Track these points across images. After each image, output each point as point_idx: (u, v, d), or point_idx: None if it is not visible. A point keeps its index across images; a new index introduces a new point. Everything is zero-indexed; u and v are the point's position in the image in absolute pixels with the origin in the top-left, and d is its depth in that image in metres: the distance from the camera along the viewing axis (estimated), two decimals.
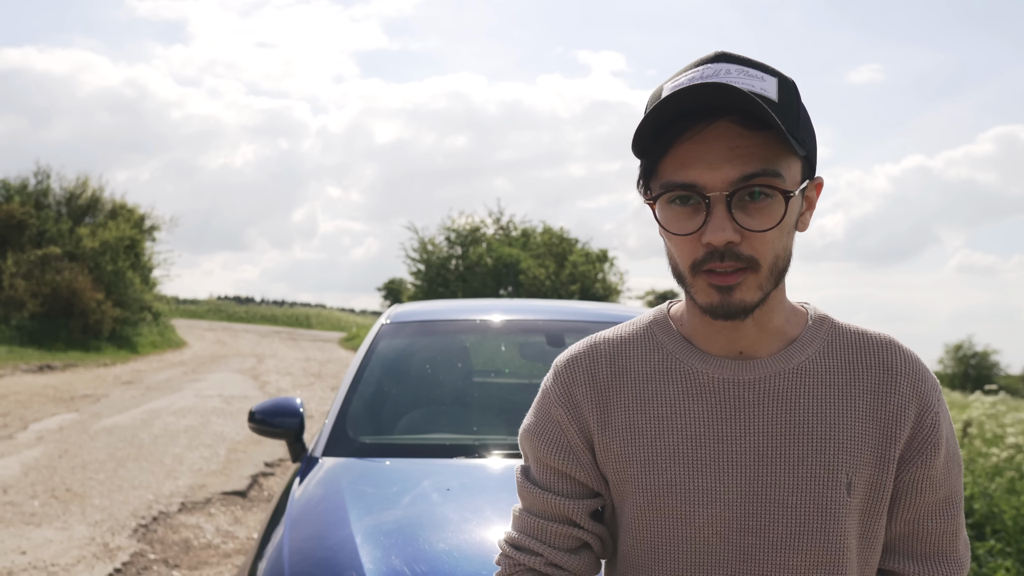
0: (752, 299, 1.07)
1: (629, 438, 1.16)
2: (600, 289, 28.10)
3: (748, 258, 1.05)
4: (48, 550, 5.22)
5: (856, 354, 1.15)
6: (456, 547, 2.16)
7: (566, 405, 1.21)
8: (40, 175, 25.02)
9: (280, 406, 3.19)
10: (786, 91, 1.07)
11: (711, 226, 1.03)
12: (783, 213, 1.04)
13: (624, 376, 1.19)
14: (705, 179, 1.03)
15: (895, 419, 1.13)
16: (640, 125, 1.06)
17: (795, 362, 1.13)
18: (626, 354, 1.20)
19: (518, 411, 3.44)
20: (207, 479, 7.25)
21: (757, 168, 1.02)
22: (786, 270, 1.10)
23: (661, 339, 1.19)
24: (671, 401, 1.15)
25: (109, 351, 21.01)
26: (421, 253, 29.64)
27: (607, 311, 4.24)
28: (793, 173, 1.07)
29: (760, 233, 1.04)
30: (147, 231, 26.78)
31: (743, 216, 1.04)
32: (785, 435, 1.11)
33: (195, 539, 5.60)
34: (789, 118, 1.05)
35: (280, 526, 2.40)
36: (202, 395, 12.81)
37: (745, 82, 1.04)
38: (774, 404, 1.12)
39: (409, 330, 3.63)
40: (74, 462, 7.65)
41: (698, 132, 1.04)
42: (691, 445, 1.13)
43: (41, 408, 10.88)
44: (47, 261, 21.77)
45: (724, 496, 1.12)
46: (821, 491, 1.10)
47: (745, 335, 1.13)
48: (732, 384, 1.13)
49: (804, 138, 1.07)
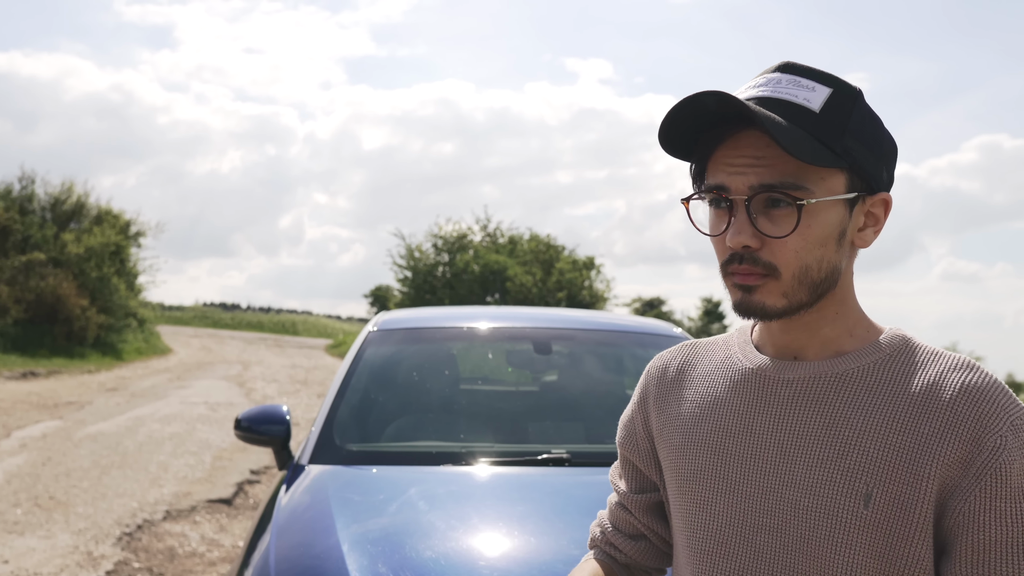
0: (773, 304, 1.08)
1: (674, 425, 1.24)
2: (587, 297, 28.12)
3: (766, 264, 1.07)
4: (31, 559, 5.18)
5: (916, 370, 1.10)
6: (443, 555, 2.15)
7: (640, 396, 1.33)
8: (25, 180, 24.86)
9: (266, 413, 3.18)
10: (837, 101, 1.07)
11: (732, 229, 1.07)
12: (796, 221, 1.05)
13: (690, 372, 1.27)
14: (730, 183, 1.07)
15: (939, 434, 1.04)
16: (661, 129, 1.10)
17: (841, 369, 1.11)
18: (701, 353, 1.28)
19: (505, 419, 3.47)
20: (192, 487, 7.22)
21: (776, 179, 1.05)
22: (827, 284, 1.09)
23: (734, 340, 1.25)
24: (716, 393, 1.20)
25: (94, 358, 20.89)
26: (408, 260, 29.60)
27: (594, 319, 4.24)
28: (830, 184, 1.06)
29: (779, 240, 1.06)
30: (133, 237, 26.64)
31: (766, 223, 1.07)
32: (812, 436, 1.10)
33: (180, 547, 5.57)
34: (830, 129, 1.05)
35: (266, 534, 2.39)
36: (187, 402, 12.74)
37: (790, 91, 1.07)
38: (809, 405, 1.11)
39: (396, 337, 3.63)
40: (58, 470, 7.60)
41: (733, 137, 1.08)
42: (722, 435, 1.17)
43: (24, 415, 10.81)
44: (31, 267, 21.63)
45: (743, 488, 1.13)
46: (835, 497, 1.06)
47: (796, 339, 1.14)
48: (773, 381, 1.14)
49: (854, 149, 1.06)
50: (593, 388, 3.51)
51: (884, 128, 1.12)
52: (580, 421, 3.39)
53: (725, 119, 1.08)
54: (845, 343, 1.14)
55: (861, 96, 1.09)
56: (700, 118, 1.09)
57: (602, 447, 3.17)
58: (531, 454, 2.88)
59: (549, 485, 2.72)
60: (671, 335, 3.73)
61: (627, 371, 3.72)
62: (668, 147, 1.13)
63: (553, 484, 2.73)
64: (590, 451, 3.11)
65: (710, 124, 1.10)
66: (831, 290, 1.11)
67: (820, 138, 1.05)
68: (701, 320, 37.79)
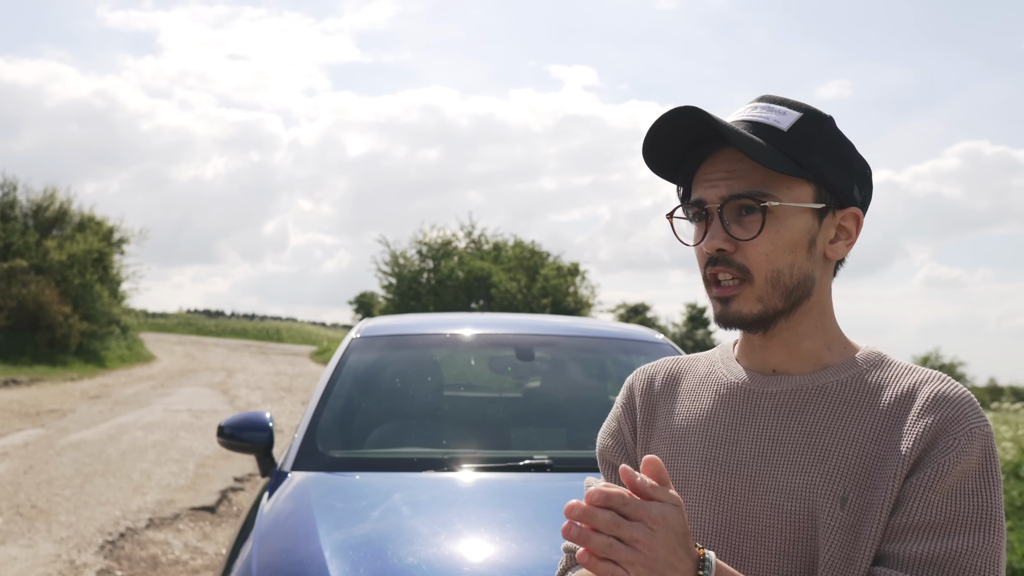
0: (749, 311, 1.15)
1: (662, 438, 1.28)
2: (571, 303, 28.15)
3: (740, 266, 1.14)
4: (13, 568, 5.15)
5: (892, 383, 1.16)
6: (425, 561, 2.17)
7: (625, 407, 1.35)
8: (7, 187, 24.68)
9: (249, 420, 3.18)
10: (805, 123, 1.16)
11: (708, 235, 1.16)
12: (761, 224, 1.13)
13: (676, 386, 1.31)
14: (707, 195, 1.16)
15: (905, 437, 1.10)
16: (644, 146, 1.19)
17: (821, 382, 1.18)
18: (685, 368, 1.33)
19: (487, 425, 3.48)
20: (175, 494, 7.19)
21: (744, 189, 1.14)
22: (801, 291, 1.16)
23: (716, 357, 1.31)
24: (703, 406, 1.25)
25: (76, 365, 20.76)
26: (392, 267, 29.56)
27: (576, 325, 4.27)
28: (796, 194, 1.15)
29: (749, 242, 1.14)
30: (116, 244, 26.50)
31: (737, 228, 1.15)
32: (794, 443, 1.15)
33: (163, 555, 5.55)
34: (796, 145, 1.14)
35: (249, 541, 2.40)
36: (171, 410, 12.69)
37: (763, 115, 1.17)
38: (790, 414, 1.17)
39: (379, 344, 3.64)
40: (40, 478, 7.56)
41: (712, 156, 1.18)
42: (709, 445, 1.21)
43: (6, 423, 10.73)
44: (13, 274, 21.48)
45: (729, 496, 1.17)
46: (815, 499, 1.11)
47: (774, 353, 1.20)
48: (756, 394, 1.20)
49: (819, 164, 1.15)
50: (575, 394, 3.53)
51: (856, 152, 1.20)
52: (562, 427, 3.41)
53: (703, 140, 1.18)
54: (824, 356, 1.20)
55: (831, 121, 1.19)
56: (679, 139, 1.18)
57: (584, 452, 3.19)
58: (513, 460, 2.90)
59: (531, 491, 2.74)
60: (653, 341, 3.75)
61: (610, 377, 3.74)
62: (654, 167, 1.22)
63: (535, 490, 2.75)
64: (572, 457, 3.13)
65: (692, 144, 1.19)
66: (806, 299, 1.17)
67: (786, 152, 1.14)
68: (685, 326, 37.87)
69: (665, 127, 1.16)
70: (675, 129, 1.16)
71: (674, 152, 1.20)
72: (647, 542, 0.95)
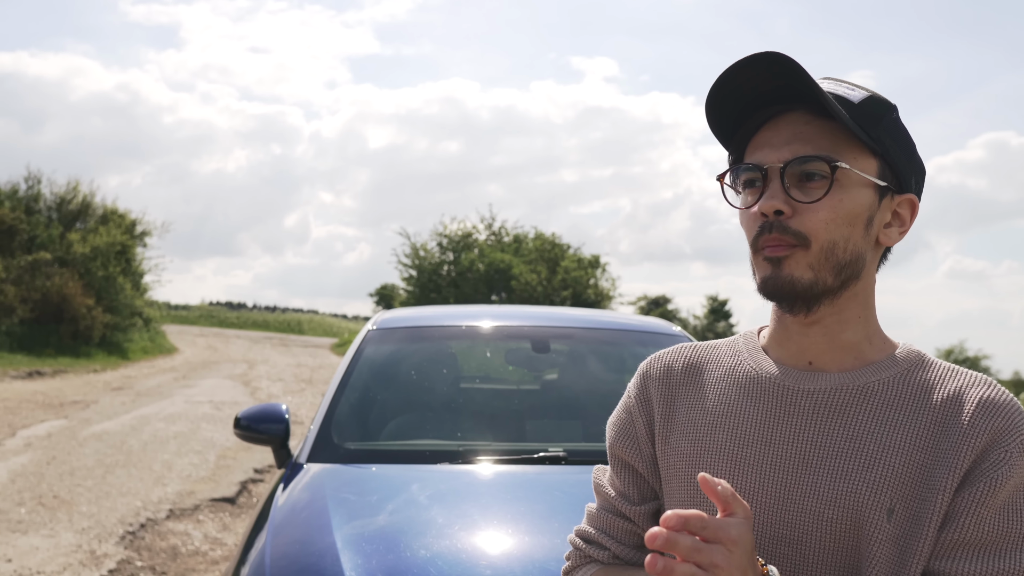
0: (800, 276, 1.08)
1: (684, 432, 1.21)
2: (592, 295, 28.11)
3: (796, 232, 1.08)
4: (35, 557, 5.19)
5: (936, 386, 1.11)
6: (439, 554, 2.16)
7: (639, 397, 1.28)
8: (31, 180, 24.93)
9: (266, 412, 3.19)
10: (874, 103, 1.12)
11: (765, 195, 1.09)
12: (828, 187, 1.07)
13: (697, 376, 1.24)
14: (767, 158, 1.10)
15: (954, 449, 1.05)
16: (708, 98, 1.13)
17: (863, 381, 1.11)
18: (705, 357, 1.26)
19: (503, 417, 3.47)
20: (196, 486, 7.23)
21: (812, 152, 1.08)
22: (851, 269, 1.11)
23: (740, 347, 1.24)
24: (730, 401, 1.18)
25: (99, 357, 20.94)
26: (413, 259, 29.63)
27: (593, 317, 4.24)
28: (863, 165, 1.10)
29: (810, 206, 1.08)
30: (138, 236, 26.70)
31: (797, 192, 1.09)
32: (835, 448, 1.09)
33: (183, 546, 5.58)
34: (867, 119, 1.10)
35: (263, 532, 2.40)
36: (192, 401, 12.78)
37: (831, 87, 1.12)
38: (830, 417, 1.10)
39: (396, 336, 3.63)
40: (62, 469, 7.63)
41: (773, 120, 1.13)
42: (738, 444, 1.15)
43: (30, 414, 10.84)
44: (37, 267, 21.68)
45: (762, 499, 1.12)
46: (860, 510, 1.06)
47: (814, 343, 1.14)
48: (792, 392, 1.13)
49: (887, 142, 1.11)
50: (592, 387, 3.51)
51: (915, 148, 1.16)
52: (578, 419, 3.39)
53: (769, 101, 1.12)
54: (865, 351, 1.14)
55: (896, 109, 1.14)
56: (743, 98, 1.12)
57: (599, 445, 3.17)
58: (529, 452, 2.89)
59: (546, 483, 2.72)
60: (670, 333, 3.73)
61: (627, 369, 3.72)
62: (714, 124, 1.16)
63: (550, 482, 2.73)
64: (587, 449, 3.11)
65: (753, 107, 1.13)
66: (854, 281, 1.11)
67: (858, 122, 1.09)
68: (707, 318, 37.76)
69: (737, 78, 1.10)
70: (742, 84, 1.10)
71: (734, 113, 1.14)
72: (725, 565, 0.92)
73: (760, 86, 1.10)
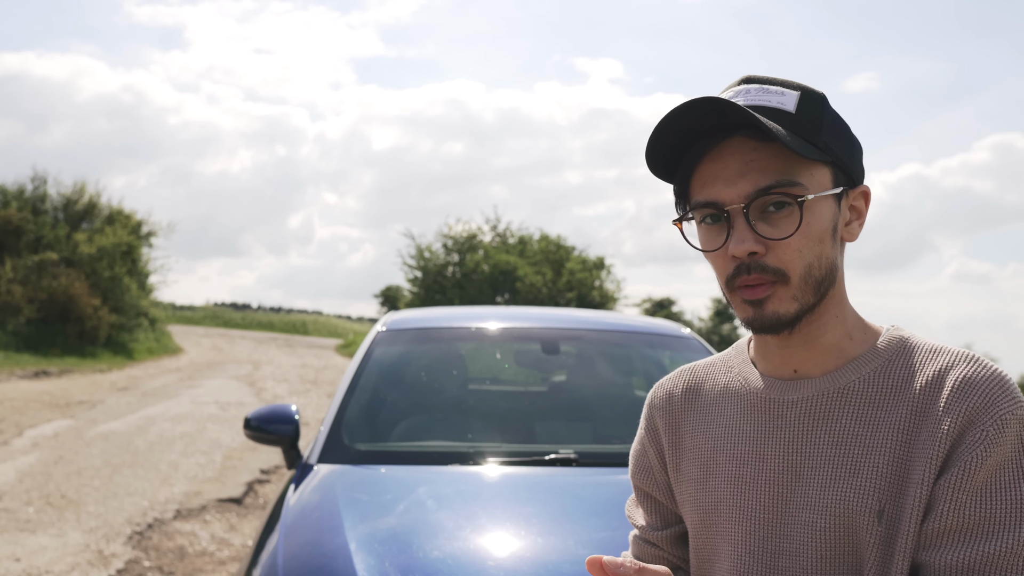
0: (786, 311, 1.07)
1: (691, 458, 1.22)
2: (597, 297, 28.10)
3: (775, 270, 1.06)
4: (43, 557, 5.21)
5: (916, 373, 1.08)
6: (450, 555, 2.16)
7: (648, 428, 1.30)
8: (37, 180, 25.00)
9: (275, 413, 3.20)
10: (808, 102, 1.09)
11: (733, 239, 1.06)
12: (799, 220, 1.05)
13: (696, 399, 1.25)
14: (723, 195, 1.06)
15: (932, 438, 1.03)
16: (647, 146, 1.10)
17: (843, 382, 1.10)
18: (703, 378, 1.26)
19: (513, 419, 3.47)
20: (202, 486, 7.24)
21: (772, 180, 1.05)
22: (828, 281, 1.09)
23: (733, 362, 1.24)
24: (728, 421, 1.19)
25: (105, 357, 20.98)
26: (418, 260, 29.63)
27: (602, 319, 4.24)
28: (819, 180, 1.07)
29: (783, 242, 1.05)
30: (144, 237, 26.75)
31: (766, 227, 1.06)
32: (821, 456, 1.09)
33: (190, 546, 5.59)
34: (808, 127, 1.07)
35: (275, 533, 2.41)
36: (198, 402, 12.79)
37: (761, 98, 1.08)
38: (815, 424, 1.10)
39: (405, 337, 3.64)
40: (69, 468, 7.64)
41: (715, 150, 1.08)
42: (737, 464, 1.15)
43: (36, 414, 10.86)
44: (44, 267, 21.74)
45: (760, 515, 1.12)
46: (850, 515, 1.06)
47: (795, 353, 1.13)
48: (778, 404, 1.13)
49: (833, 145, 1.09)
50: (601, 388, 3.51)
51: (849, 129, 1.14)
52: (588, 421, 3.39)
53: (704, 133, 1.08)
54: (846, 348, 1.13)
55: (826, 99, 1.11)
56: (681, 135, 1.09)
57: (609, 447, 3.17)
58: (539, 454, 2.89)
59: (557, 485, 2.73)
60: (679, 335, 3.73)
61: (636, 371, 3.72)
62: (656, 169, 1.13)
63: (561, 484, 2.73)
64: (598, 451, 3.11)
65: (691, 140, 1.09)
66: (831, 288, 1.10)
67: (801, 135, 1.06)
68: (712, 320, 37.70)
69: (674, 124, 1.07)
70: (682, 126, 1.07)
71: (675, 151, 1.10)
72: None
73: (697, 126, 1.08)
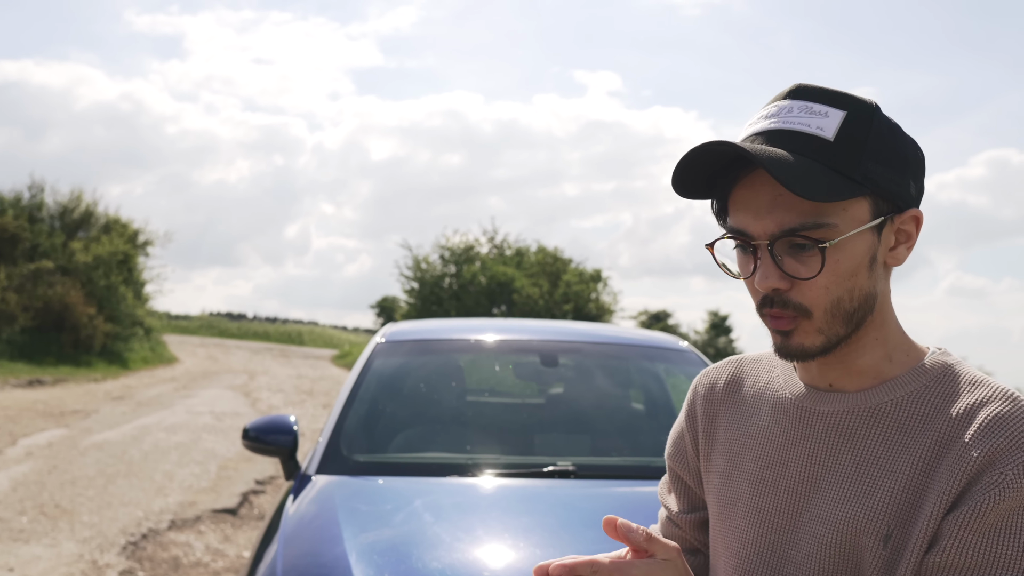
0: (812, 344, 1.06)
1: (722, 451, 1.23)
2: (593, 309, 28.12)
3: (797, 305, 1.05)
4: (36, 567, 5.19)
5: (950, 403, 1.05)
6: (448, 566, 2.16)
7: (688, 412, 1.32)
8: (34, 188, 24.96)
9: (274, 423, 3.20)
10: (853, 124, 1.03)
11: (759, 274, 1.05)
12: (821, 264, 1.02)
13: (736, 393, 1.26)
14: (751, 227, 1.05)
15: (950, 471, 1.00)
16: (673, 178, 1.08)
17: (875, 402, 1.08)
18: (747, 373, 1.27)
19: (511, 431, 3.47)
20: (197, 496, 7.22)
21: (797, 221, 1.02)
22: (863, 311, 1.07)
23: (777, 362, 1.23)
24: (759, 421, 1.20)
25: (100, 366, 20.92)
26: (415, 271, 29.64)
27: (600, 332, 4.25)
28: (854, 214, 1.03)
29: (808, 281, 1.04)
30: (140, 246, 26.70)
31: (792, 263, 1.04)
32: (840, 471, 1.08)
33: (184, 557, 5.57)
34: (846, 156, 1.02)
35: (274, 543, 2.41)
36: (193, 412, 12.76)
37: (801, 120, 1.04)
38: (840, 440, 1.09)
39: (404, 349, 3.64)
40: (63, 478, 7.62)
41: (748, 178, 1.06)
42: (761, 465, 1.16)
43: (30, 423, 10.83)
44: (39, 275, 21.70)
45: (774, 519, 1.13)
46: (857, 535, 1.05)
47: (832, 369, 1.12)
48: (809, 414, 1.13)
49: (874, 172, 1.03)
50: (599, 401, 3.52)
51: (906, 138, 1.08)
52: (586, 434, 3.40)
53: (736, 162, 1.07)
54: (884, 369, 1.10)
55: (877, 111, 1.06)
56: (710, 162, 1.07)
57: (608, 460, 3.17)
58: (537, 466, 2.89)
59: (554, 497, 2.73)
60: (677, 348, 3.74)
61: (633, 384, 3.73)
62: (684, 192, 1.10)
63: (558, 496, 2.74)
64: (596, 464, 3.12)
65: (722, 166, 1.08)
66: (869, 315, 1.08)
67: (837, 168, 1.02)
68: (708, 333, 37.74)
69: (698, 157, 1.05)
70: (706, 157, 1.05)
71: (704, 174, 1.08)
72: None
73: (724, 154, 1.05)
